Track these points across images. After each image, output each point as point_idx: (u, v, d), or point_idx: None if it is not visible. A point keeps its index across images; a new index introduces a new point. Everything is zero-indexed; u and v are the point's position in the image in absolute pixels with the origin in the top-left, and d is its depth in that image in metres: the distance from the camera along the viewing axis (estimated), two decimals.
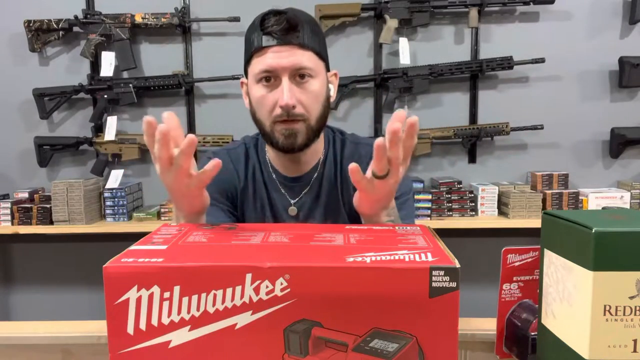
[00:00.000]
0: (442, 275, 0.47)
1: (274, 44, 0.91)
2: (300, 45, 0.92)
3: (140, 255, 0.50)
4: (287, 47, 0.91)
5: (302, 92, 0.92)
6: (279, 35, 0.91)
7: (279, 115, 0.92)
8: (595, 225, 0.48)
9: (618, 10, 2.27)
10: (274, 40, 0.91)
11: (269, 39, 0.91)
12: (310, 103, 0.93)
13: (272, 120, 0.93)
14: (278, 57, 0.91)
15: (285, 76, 0.91)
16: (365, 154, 1.04)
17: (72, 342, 0.82)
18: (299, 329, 0.48)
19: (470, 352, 0.78)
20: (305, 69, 0.92)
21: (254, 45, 0.93)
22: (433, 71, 2.23)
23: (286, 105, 0.90)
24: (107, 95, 2.25)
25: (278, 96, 0.91)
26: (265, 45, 0.91)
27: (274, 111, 0.92)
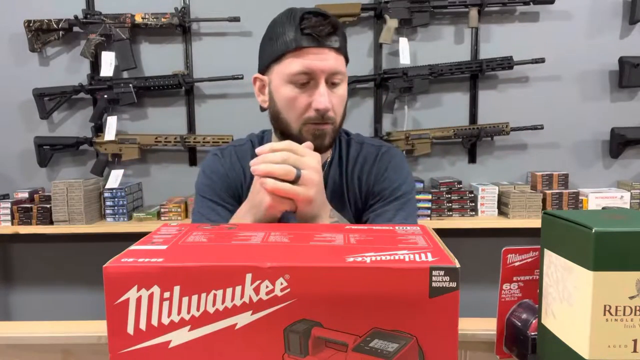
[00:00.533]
0: (442, 275, 0.47)
1: (314, 46, 0.90)
2: (336, 49, 0.92)
3: (140, 255, 0.50)
4: (326, 50, 0.91)
5: (333, 96, 0.93)
6: (321, 37, 0.90)
7: (313, 118, 0.92)
8: (595, 225, 0.48)
9: (618, 10, 2.27)
10: (315, 42, 0.90)
11: (310, 40, 0.90)
12: (338, 107, 0.95)
13: (303, 121, 0.93)
14: (318, 59, 0.90)
15: (322, 79, 0.91)
16: (369, 154, 1.04)
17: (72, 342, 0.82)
18: (299, 329, 0.48)
19: (470, 352, 0.78)
20: (339, 74, 0.93)
21: (291, 44, 0.90)
22: (433, 71, 2.23)
23: (325, 109, 0.91)
24: (107, 95, 2.25)
25: (313, 99, 0.91)
26: (305, 46, 0.90)
27: (306, 113, 0.92)
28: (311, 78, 0.91)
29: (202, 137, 2.25)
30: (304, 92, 0.92)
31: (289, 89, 0.92)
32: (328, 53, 0.91)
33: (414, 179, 1.08)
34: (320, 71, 0.90)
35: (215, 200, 1.01)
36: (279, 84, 0.94)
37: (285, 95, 0.93)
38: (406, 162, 1.07)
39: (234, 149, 1.07)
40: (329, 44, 0.91)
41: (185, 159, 2.37)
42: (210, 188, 1.02)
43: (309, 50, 0.90)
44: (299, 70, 0.90)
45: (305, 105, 0.92)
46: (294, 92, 0.92)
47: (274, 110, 0.97)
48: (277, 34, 0.93)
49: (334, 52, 0.92)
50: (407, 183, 1.03)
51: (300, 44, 0.90)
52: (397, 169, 1.03)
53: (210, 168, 1.04)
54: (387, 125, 2.34)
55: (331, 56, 0.91)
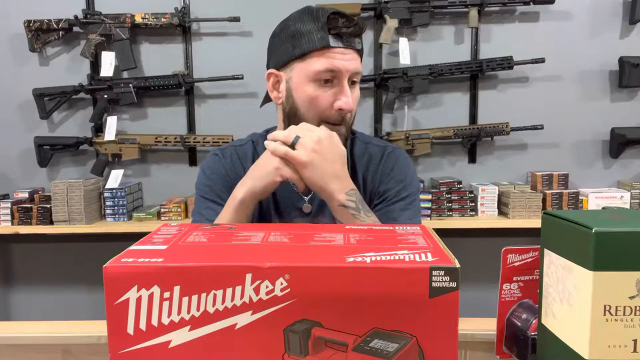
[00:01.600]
0: (442, 275, 0.47)
1: (341, 46, 0.92)
2: (358, 51, 0.95)
3: (140, 255, 0.50)
4: (351, 51, 0.93)
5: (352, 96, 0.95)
6: (348, 38, 0.92)
7: (332, 118, 0.94)
8: (595, 225, 0.48)
9: (618, 10, 2.27)
10: (341, 42, 0.92)
11: (337, 40, 0.92)
12: (354, 107, 0.97)
13: (322, 120, 0.95)
14: (344, 59, 0.92)
15: (345, 79, 0.93)
16: (375, 154, 1.05)
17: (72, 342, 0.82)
18: (299, 329, 0.48)
19: (470, 352, 0.78)
20: (359, 75, 0.96)
21: (318, 42, 0.91)
22: (433, 71, 2.23)
23: (349, 109, 0.93)
24: (107, 95, 2.25)
25: (338, 98, 0.93)
26: (333, 45, 0.91)
27: (326, 112, 0.94)
28: (335, 77, 0.93)
29: (202, 137, 2.25)
30: (326, 91, 0.93)
31: (312, 87, 0.93)
32: (352, 53, 0.93)
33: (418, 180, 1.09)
34: (346, 70, 0.92)
35: (216, 200, 1.01)
36: (300, 82, 0.94)
37: (308, 93, 0.94)
38: (411, 162, 1.09)
39: (235, 149, 1.07)
40: (353, 45, 0.93)
41: (185, 159, 2.37)
42: (210, 188, 1.02)
43: (335, 49, 0.92)
44: (325, 68, 0.91)
45: (328, 103, 0.94)
46: (317, 91, 0.93)
47: (292, 107, 0.97)
48: (299, 32, 0.93)
49: (357, 54, 0.95)
50: (412, 184, 1.04)
51: (327, 44, 0.91)
52: (403, 169, 1.04)
53: (211, 168, 1.04)
54: (387, 125, 2.34)
55: (354, 57, 0.94)
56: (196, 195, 1.05)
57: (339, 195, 0.86)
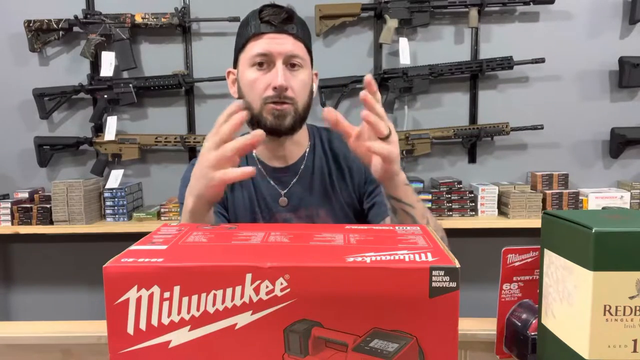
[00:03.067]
0: (442, 275, 0.47)
1: (271, 31, 0.98)
2: (294, 35, 1.00)
3: (140, 255, 0.50)
4: (283, 35, 0.99)
5: (292, 79, 0.99)
6: (276, 23, 0.98)
7: (271, 97, 0.97)
8: (595, 225, 0.48)
9: (618, 10, 2.27)
10: (272, 28, 0.98)
11: (267, 26, 0.98)
12: (299, 90, 1.00)
13: (263, 101, 0.98)
14: (275, 42, 0.98)
15: (279, 61, 0.97)
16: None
17: (72, 342, 0.82)
18: (299, 329, 0.48)
19: (470, 352, 0.78)
20: (298, 58, 1.00)
21: (251, 31, 0.99)
22: (433, 71, 2.23)
23: (280, 86, 0.96)
24: (107, 95, 2.25)
25: (271, 78, 0.97)
26: (263, 32, 0.98)
27: (265, 92, 0.98)
28: (270, 60, 0.98)
29: (202, 137, 2.25)
30: (264, 75, 0.98)
31: (250, 72, 1.00)
32: (285, 37, 0.98)
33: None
34: (277, 53, 0.97)
35: None
36: (243, 70, 1.01)
37: (247, 78, 1.00)
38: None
39: None
40: (285, 30, 0.99)
41: (185, 159, 2.37)
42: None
43: (266, 35, 0.98)
44: (257, 52, 0.98)
45: (265, 85, 0.98)
46: (255, 74, 0.99)
47: (241, 96, 1.03)
48: (242, 27, 1.03)
49: (292, 38, 0.99)
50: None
51: (259, 30, 0.98)
52: None
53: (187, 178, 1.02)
54: None
55: (288, 40, 0.99)
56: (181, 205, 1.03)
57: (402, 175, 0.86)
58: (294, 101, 0.99)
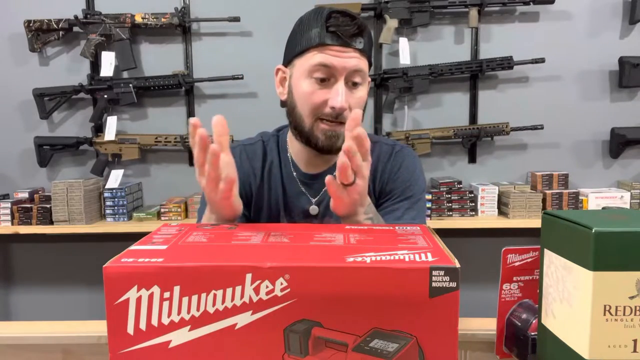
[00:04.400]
0: (442, 275, 0.47)
1: (337, 44, 0.90)
2: (360, 51, 0.92)
3: (140, 255, 0.50)
4: (350, 49, 0.91)
5: (351, 97, 0.92)
6: (345, 36, 0.90)
7: (327, 115, 0.92)
8: (595, 225, 0.48)
9: (618, 10, 2.27)
10: (339, 40, 0.90)
11: (334, 38, 0.90)
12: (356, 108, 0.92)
13: (316, 117, 0.93)
14: (339, 56, 0.90)
15: (341, 78, 0.91)
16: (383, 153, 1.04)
17: (72, 342, 0.82)
18: (299, 329, 0.48)
19: (470, 352, 0.78)
20: (360, 73, 0.93)
21: (316, 39, 0.91)
22: (433, 71, 2.23)
23: (341, 108, 0.90)
24: (107, 95, 2.25)
25: (331, 96, 0.91)
26: (328, 43, 0.90)
27: (320, 109, 0.92)
28: (331, 74, 0.91)
29: None
30: (322, 89, 0.92)
31: (308, 83, 0.92)
32: (351, 52, 0.91)
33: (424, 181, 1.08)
34: (342, 68, 0.90)
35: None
36: (299, 77, 0.94)
37: (303, 88, 0.93)
38: (419, 162, 1.07)
39: (244, 147, 1.05)
40: (353, 44, 0.91)
41: (185, 159, 2.37)
42: None
43: (332, 47, 0.91)
44: (320, 62, 0.90)
45: (322, 101, 0.92)
46: (313, 86, 0.92)
47: (291, 103, 0.97)
48: (302, 30, 0.94)
49: (358, 53, 0.92)
50: (419, 184, 1.03)
51: (323, 41, 0.90)
52: (410, 169, 1.03)
53: None
54: (387, 125, 2.34)
55: (354, 56, 0.92)
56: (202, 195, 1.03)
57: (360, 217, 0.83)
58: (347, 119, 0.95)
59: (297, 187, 1.02)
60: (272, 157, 1.04)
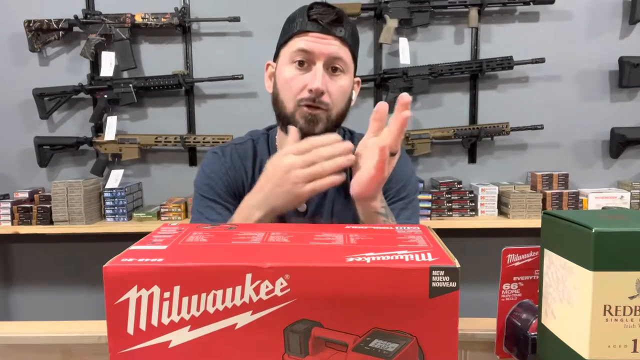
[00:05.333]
0: (442, 275, 0.47)
1: (317, 30, 0.94)
2: (341, 39, 0.95)
3: (140, 255, 0.50)
4: (329, 36, 0.94)
5: (331, 83, 0.95)
6: (324, 23, 0.94)
7: (306, 99, 0.94)
8: (595, 225, 0.48)
9: (618, 10, 2.27)
10: (318, 27, 0.94)
11: (314, 24, 0.94)
12: (337, 96, 0.96)
13: (297, 102, 0.95)
14: (319, 42, 0.94)
15: (320, 62, 0.93)
16: None
17: (72, 342, 0.82)
18: (299, 329, 0.48)
19: (470, 352, 0.78)
20: (340, 62, 0.95)
21: (297, 27, 0.95)
22: (433, 71, 2.23)
23: (317, 89, 0.92)
24: (107, 95, 2.25)
25: (309, 80, 0.93)
26: (309, 30, 0.94)
27: (300, 93, 0.94)
28: (310, 59, 0.94)
29: (202, 137, 2.25)
30: (302, 74, 0.94)
31: (290, 70, 0.95)
32: (331, 39, 0.94)
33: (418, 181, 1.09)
34: (320, 53, 0.93)
35: (215, 199, 1.01)
36: (281, 65, 0.97)
37: (285, 74, 0.96)
38: (411, 162, 1.10)
39: (235, 147, 1.06)
40: (332, 32, 0.94)
41: (185, 159, 2.37)
42: (210, 187, 1.02)
43: (312, 33, 0.94)
44: (299, 47, 0.94)
45: (302, 85, 0.94)
46: (294, 72, 0.95)
47: (275, 92, 0.99)
48: (288, 22, 0.98)
49: (339, 41, 0.95)
50: (412, 184, 1.04)
51: (305, 28, 0.94)
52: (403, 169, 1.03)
53: (210, 167, 1.04)
54: None
55: (334, 43, 0.94)
56: (195, 193, 1.04)
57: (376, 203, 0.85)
58: (329, 107, 0.95)
59: None
60: (263, 155, 1.06)
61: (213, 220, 0.97)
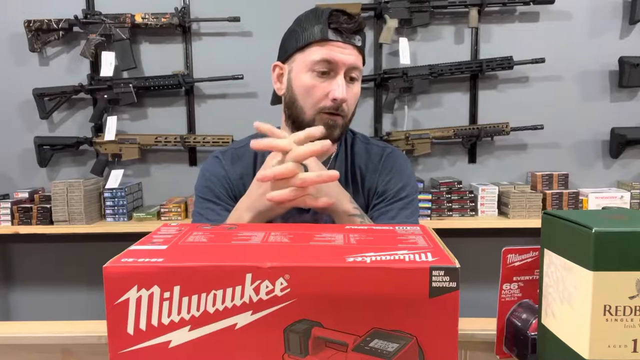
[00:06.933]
0: (442, 275, 0.47)
1: (339, 40, 0.95)
2: (358, 48, 0.98)
3: (140, 255, 0.50)
4: (350, 46, 0.96)
5: (348, 91, 0.97)
6: (347, 33, 0.95)
7: (328, 107, 0.96)
8: (595, 225, 0.48)
9: (618, 10, 2.27)
10: (340, 37, 0.95)
11: (336, 34, 0.95)
12: (352, 102, 0.99)
13: (318, 110, 0.97)
14: (341, 52, 0.95)
15: (342, 72, 0.96)
16: (374, 154, 1.07)
17: (72, 342, 0.82)
18: (299, 329, 0.48)
19: (470, 352, 0.78)
20: (357, 70, 0.98)
21: (317, 35, 0.95)
22: (433, 71, 2.23)
23: (342, 99, 0.95)
24: (107, 95, 2.25)
25: (332, 89, 0.95)
26: (331, 39, 0.95)
27: (322, 102, 0.96)
28: (332, 69, 0.95)
29: (202, 137, 2.25)
30: (323, 82, 0.96)
31: (309, 77, 0.96)
32: (351, 49, 0.96)
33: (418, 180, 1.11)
34: (342, 63, 0.95)
35: (214, 200, 1.02)
36: (299, 71, 0.98)
37: (305, 82, 0.97)
38: (410, 165, 1.12)
39: (235, 150, 1.08)
40: (352, 41, 0.96)
41: (185, 159, 2.37)
42: (209, 189, 1.03)
43: (333, 43, 0.95)
44: (321, 58, 0.95)
45: (323, 94, 0.96)
46: (314, 80, 0.96)
47: (290, 97, 1.00)
48: (303, 27, 0.98)
49: (356, 50, 0.97)
50: (411, 185, 1.06)
51: (326, 36, 0.95)
52: (402, 170, 1.07)
53: (210, 170, 1.05)
54: (387, 125, 2.34)
55: (353, 52, 0.97)
56: (196, 196, 1.06)
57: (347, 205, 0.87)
58: (346, 113, 0.98)
59: None
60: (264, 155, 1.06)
61: (212, 220, 0.97)
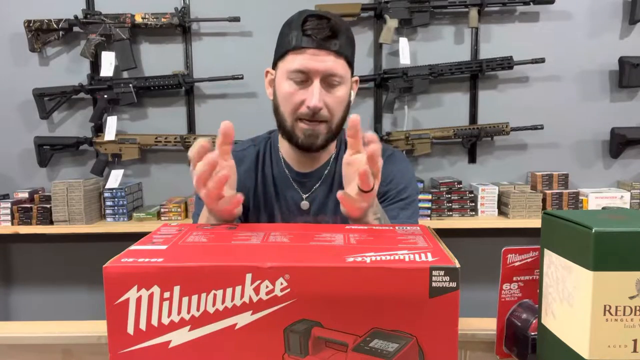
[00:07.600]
0: (442, 275, 0.47)
1: (312, 47, 0.94)
2: (336, 52, 0.95)
3: (140, 255, 0.50)
4: (324, 52, 0.94)
5: (329, 96, 0.96)
6: (319, 39, 0.93)
7: (304, 114, 0.96)
8: (595, 225, 0.48)
9: (618, 10, 2.27)
10: (313, 43, 0.94)
11: (309, 40, 0.94)
12: (335, 107, 0.97)
13: (296, 117, 0.97)
14: (314, 60, 0.94)
15: (317, 79, 0.95)
16: None
17: (72, 342, 0.82)
18: (299, 329, 0.48)
19: (470, 352, 0.78)
20: (336, 76, 0.96)
21: (292, 43, 0.95)
22: (433, 71, 2.23)
23: (314, 107, 0.94)
24: (107, 95, 2.25)
25: (307, 96, 0.94)
26: (304, 46, 0.94)
27: (299, 109, 0.96)
28: (307, 77, 0.95)
29: (202, 137, 2.25)
30: (300, 89, 0.96)
31: (288, 84, 0.96)
32: (326, 55, 0.94)
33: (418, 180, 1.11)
34: (315, 71, 0.94)
35: None
36: (280, 79, 0.98)
37: (284, 89, 0.97)
38: (411, 166, 1.12)
39: (236, 154, 1.07)
40: (327, 46, 0.94)
41: (185, 159, 2.37)
42: None
43: (307, 50, 0.94)
44: (296, 68, 0.94)
45: (299, 101, 0.96)
46: (292, 87, 0.96)
47: (275, 103, 1.01)
48: (283, 34, 0.99)
49: (333, 55, 0.95)
50: (412, 186, 1.07)
51: (299, 44, 0.94)
52: (403, 172, 1.07)
53: None
54: (387, 125, 2.34)
55: (329, 58, 0.94)
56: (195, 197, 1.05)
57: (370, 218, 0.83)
58: (328, 119, 0.97)
59: (289, 184, 1.06)
60: (265, 157, 1.08)
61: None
